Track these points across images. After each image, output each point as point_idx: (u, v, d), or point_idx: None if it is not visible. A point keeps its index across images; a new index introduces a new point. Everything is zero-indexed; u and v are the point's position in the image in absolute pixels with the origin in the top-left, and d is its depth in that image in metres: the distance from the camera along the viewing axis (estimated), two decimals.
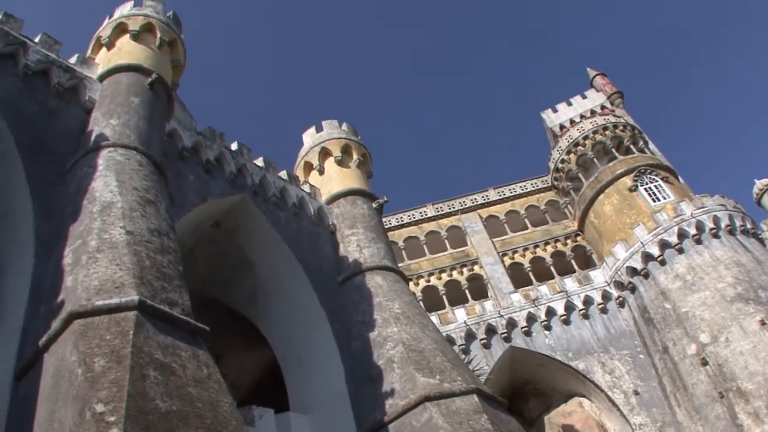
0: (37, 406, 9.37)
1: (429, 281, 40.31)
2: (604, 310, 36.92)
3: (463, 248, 41.73)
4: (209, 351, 10.14)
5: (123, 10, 19.09)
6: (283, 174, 21.70)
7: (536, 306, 36.90)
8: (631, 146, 41.83)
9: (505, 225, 42.99)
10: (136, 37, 18.14)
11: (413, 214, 43.79)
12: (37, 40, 16.59)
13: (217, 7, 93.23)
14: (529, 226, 42.88)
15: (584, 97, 47.42)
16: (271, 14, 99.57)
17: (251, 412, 15.75)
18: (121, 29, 18.57)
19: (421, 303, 20.71)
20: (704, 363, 31.21)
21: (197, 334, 10.09)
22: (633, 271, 36.09)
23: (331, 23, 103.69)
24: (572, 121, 45.16)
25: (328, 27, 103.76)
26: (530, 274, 40.09)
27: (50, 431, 8.51)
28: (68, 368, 8.97)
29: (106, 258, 10.69)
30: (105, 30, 18.75)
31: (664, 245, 35.34)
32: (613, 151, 41.46)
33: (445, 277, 40.46)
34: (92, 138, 14.71)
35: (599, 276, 38.20)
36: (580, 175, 41.78)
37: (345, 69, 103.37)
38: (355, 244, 20.71)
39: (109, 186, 12.64)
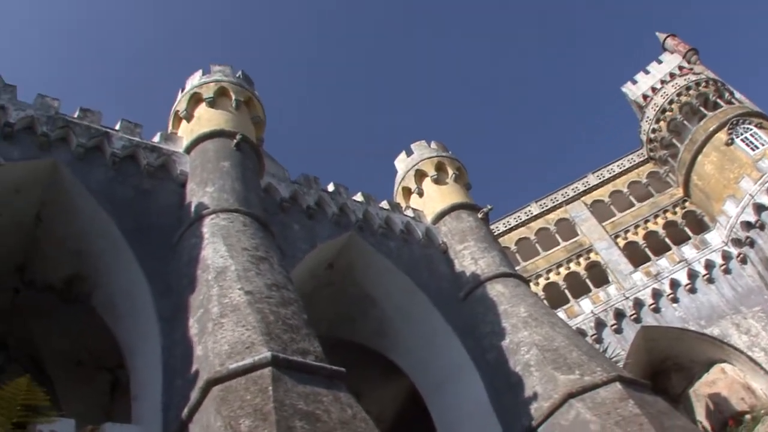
0: None
1: (548, 278, 39.67)
2: (727, 271, 35.76)
3: (575, 239, 40.98)
4: (349, 391, 10.05)
5: (193, 81, 19.44)
6: (384, 204, 21.67)
7: (659, 281, 36.04)
8: (718, 100, 40.50)
9: (612, 207, 41.98)
10: (212, 103, 18.40)
11: (519, 216, 43.31)
12: (117, 127, 17.01)
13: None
14: (635, 202, 41.76)
15: (660, 62, 45.95)
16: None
17: None
18: (195, 99, 18.92)
19: (545, 302, 20.38)
20: None
21: (334, 377, 10.02)
22: (748, 225, 34.90)
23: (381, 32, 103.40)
24: (654, 89, 43.82)
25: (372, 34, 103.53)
26: (646, 250, 39.01)
27: None
28: None
29: (231, 321, 10.75)
30: (180, 104, 19.15)
31: None
32: (702, 109, 40.22)
33: (563, 271, 39.78)
34: (192, 209, 14.96)
35: (715, 237, 37.14)
36: (674, 141, 40.61)
37: (405, 79, 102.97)
38: (469, 258, 20.45)
39: (219, 251, 12.75)
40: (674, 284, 35.81)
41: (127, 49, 74.02)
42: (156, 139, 17.53)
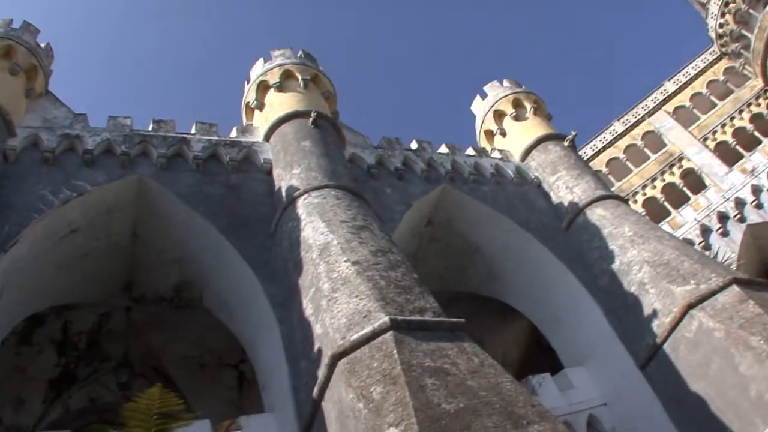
0: None
1: (645, 194, 38.81)
2: None
3: (664, 149, 39.96)
4: (472, 340, 9.99)
5: (256, 71, 19.51)
6: (470, 151, 21.46)
7: (756, 176, 34.95)
8: None
9: (694, 110, 40.68)
10: (280, 87, 18.42)
11: (604, 137, 42.41)
12: (193, 130, 17.22)
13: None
14: (717, 101, 40.41)
15: None
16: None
17: (529, 383, 15.56)
18: (263, 87, 18.97)
19: (647, 218, 20.00)
20: None
21: (455, 329, 9.96)
22: None
23: None
24: None
25: None
26: (737, 147, 37.79)
27: None
28: (349, 407, 9.03)
29: (343, 294, 10.78)
30: (249, 95, 19.26)
31: None
32: None
33: (658, 184, 38.83)
34: (283, 194, 15.04)
35: None
36: (744, 32, 38.97)
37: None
38: (564, 187, 20.15)
39: (318, 229, 12.79)
40: None
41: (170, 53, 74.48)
42: (233, 134, 17.68)
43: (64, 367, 19.63)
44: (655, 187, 38.78)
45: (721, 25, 40.04)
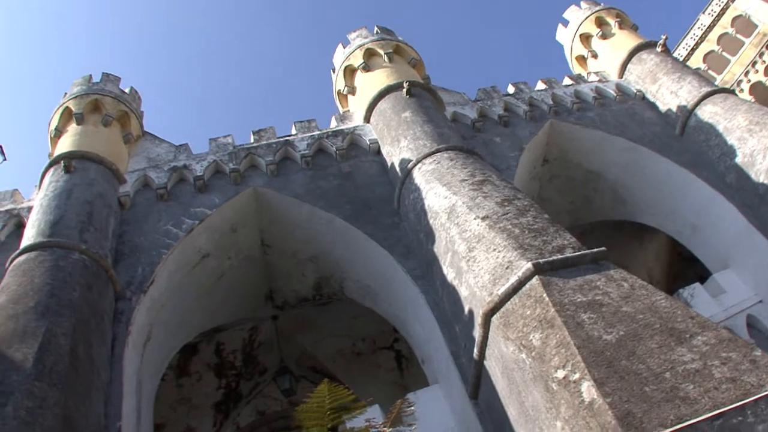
0: (504, 408, 9.74)
1: (750, 80, 37.46)
2: None
3: (756, 30, 38.47)
4: (617, 266, 9.97)
5: (339, 57, 19.75)
6: (567, 81, 21.25)
7: None
8: None
9: None
10: (365, 67, 18.65)
11: (694, 33, 41.03)
12: (294, 131, 17.62)
13: None
14: None
15: None
16: None
17: (681, 296, 15.45)
18: (350, 71, 19.28)
19: (757, 105, 19.41)
20: None
21: (598, 259, 9.96)
22: None
23: None
24: None
25: None
26: None
27: (530, 421, 8.76)
28: (512, 360, 9.20)
29: (480, 251, 10.90)
30: (338, 82, 19.62)
31: None
32: None
33: (760, 67, 37.29)
34: (397, 169, 15.30)
35: None
36: None
37: None
38: (668, 93, 19.77)
39: (440, 193, 12.94)
40: None
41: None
42: (333, 124, 18.03)
43: (226, 387, 20.43)
44: (757, 71, 37.46)
45: None
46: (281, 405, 20.32)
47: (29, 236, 14.06)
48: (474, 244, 11.13)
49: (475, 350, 10.51)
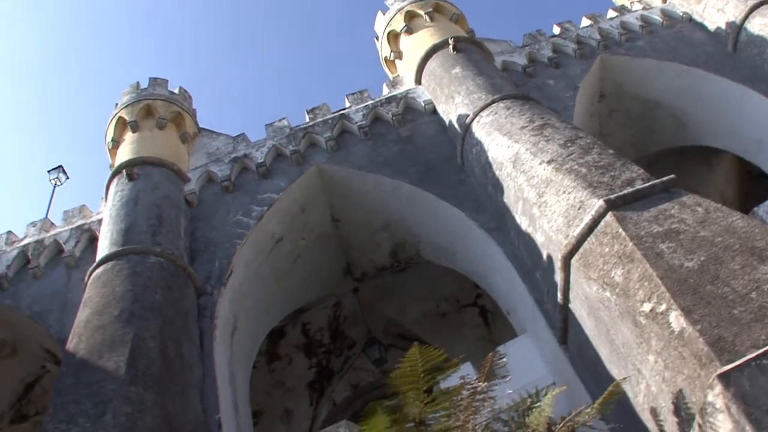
0: (595, 349, 9.83)
1: None
2: None
3: None
4: (689, 192, 9.90)
5: (380, 25, 19.80)
6: (611, 13, 20.93)
7: None
8: None
9: None
10: (408, 30, 18.66)
11: None
12: (347, 104, 17.77)
13: None
14: None
15: None
16: None
17: (756, 214, 15.13)
18: (393, 37, 19.37)
19: None
20: None
21: (669, 187, 9.87)
22: None
23: None
24: None
25: None
26: None
27: (622, 359, 8.84)
28: (597, 299, 9.26)
29: (551, 195, 10.90)
30: (384, 50, 19.78)
31: None
32: None
33: None
34: (456, 126, 15.31)
35: None
36: None
37: None
38: (715, 11, 19.21)
39: (501, 143, 12.94)
40: None
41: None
42: (385, 91, 18.07)
43: (317, 366, 20.80)
44: None
45: None
46: (374, 376, 20.59)
47: (103, 247, 14.45)
48: (543, 189, 11.14)
49: (559, 295, 10.57)
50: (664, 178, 9.97)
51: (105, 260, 13.81)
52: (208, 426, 11.81)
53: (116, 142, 17.64)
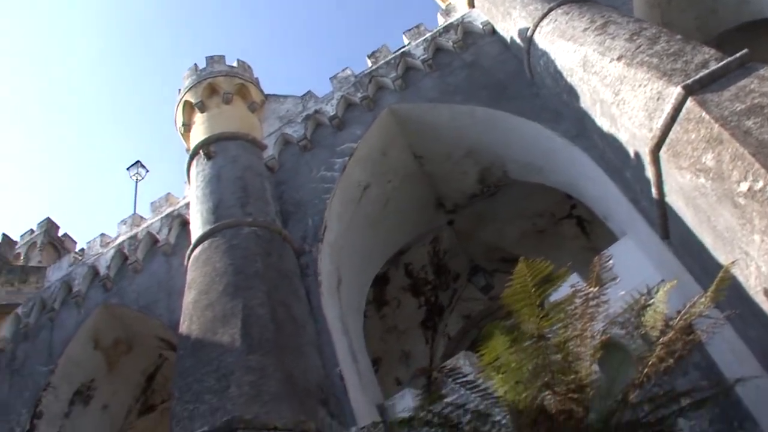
0: (698, 238, 9.81)
1: None
2: None
3: None
4: (766, 64, 9.64)
5: None
6: None
7: None
8: None
9: None
10: None
11: None
12: (406, 41, 17.83)
13: None
14: None
15: None
16: None
17: None
18: None
19: None
20: None
21: (744, 63, 9.37)
22: None
23: None
24: None
25: None
26: None
27: (727, 244, 8.81)
28: (692, 188, 9.16)
29: (626, 92, 10.62)
30: None
31: None
32: None
33: None
34: (518, 40, 15.09)
35: None
36: None
37: None
38: None
39: (567, 49, 12.72)
40: None
41: None
42: (440, 21, 17.93)
43: (426, 303, 21.09)
44: None
45: None
46: (483, 304, 20.70)
47: (196, 228, 14.91)
48: (618, 87, 11.00)
49: (653, 190, 10.48)
50: (738, 55, 9.73)
51: (200, 240, 14.25)
52: (330, 380, 12.17)
53: (187, 126, 18.10)
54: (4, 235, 28.85)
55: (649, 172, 10.35)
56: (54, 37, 64.19)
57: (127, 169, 26.67)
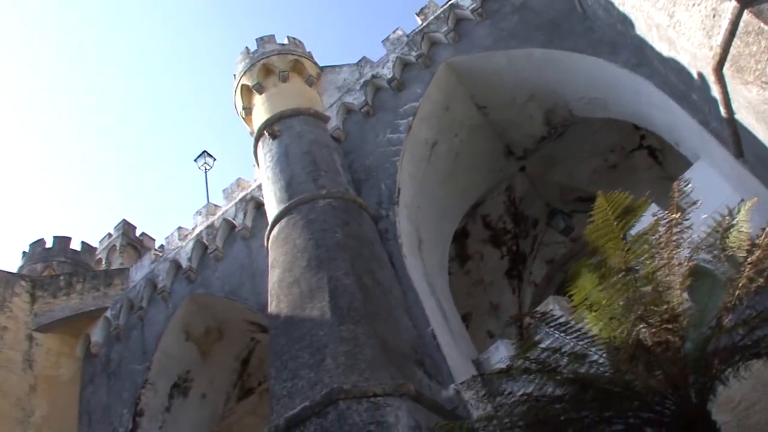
0: None
1: None
2: None
3: None
4: None
5: None
6: None
7: None
8: None
9: None
10: None
11: None
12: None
13: None
14: None
15: None
16: None
17: None
18: None
19: None
20: None
21: None
22: None
23: None
24: None
25: None
26: None
27: None
28: (761, 101, 8.89)
29: (681, 13, 10.30)
30: None
31: None
32: None
33: None
34: None
35: None
36: None
37: None
38: None
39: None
40: None
41: None
42: None
43: (508, 253, 21.15)
44: None
45: None
46: (565, 246, 20.73)
47: (271, 208, 15.20)
48: (672, 10, 10.84)
49: (722, 109, 10.33)
50: None
51: (277, 219, 14.53)
52: (423, 340, 12.39)
53: (248, 109, 18.39)
54: (83, 242, 29.86)
55: (715, 92, 10.22)
56: (111, 43, 65.17)
57: (195, 160, 26.92)
